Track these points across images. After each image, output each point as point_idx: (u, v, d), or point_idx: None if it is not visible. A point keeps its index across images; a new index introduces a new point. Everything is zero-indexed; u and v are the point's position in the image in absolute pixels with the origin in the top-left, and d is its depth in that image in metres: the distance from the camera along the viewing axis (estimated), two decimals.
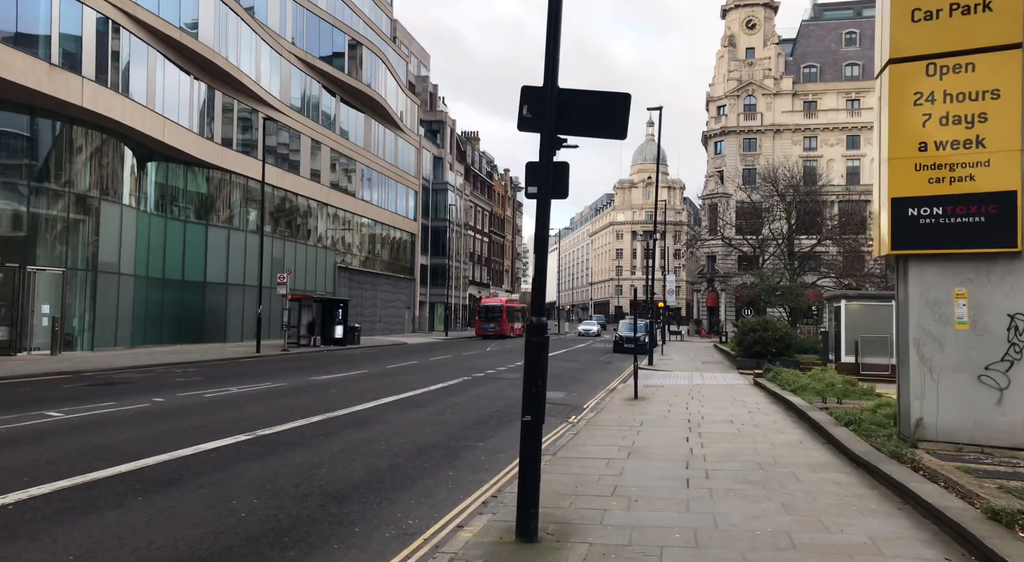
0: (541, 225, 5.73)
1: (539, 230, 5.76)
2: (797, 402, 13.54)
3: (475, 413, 14.02)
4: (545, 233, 5.76)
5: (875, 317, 24.07)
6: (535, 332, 5.70)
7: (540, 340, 5.69)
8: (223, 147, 35.97)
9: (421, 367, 25.24)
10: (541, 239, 5.80)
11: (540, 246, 5.77)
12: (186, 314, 34.67)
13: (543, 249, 5.77)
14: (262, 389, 16.82)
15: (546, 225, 5.72)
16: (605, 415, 13.56)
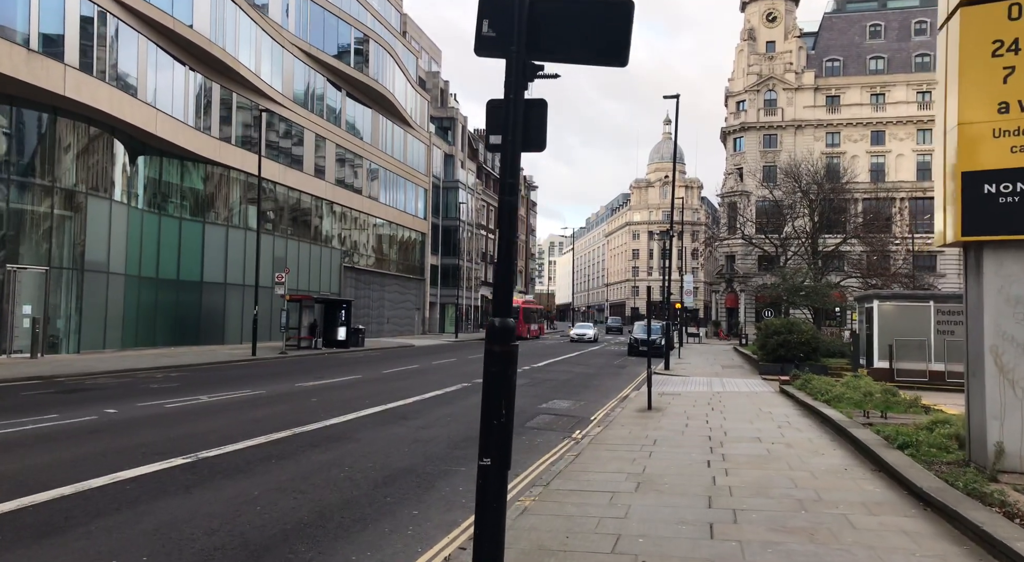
0: (508, 188, 4.08)
1: (505, 197, 4.12)
2: (834, 416, 11.77)
3: (466, 427, 12.38)
4: (513, 199, 4.12)
5: (911, 318, 22.23)
6: (498, 338, 4.08)
7: (505, 350, 4.07)
8: (221, 141, 34.60)
9: (421, 371, 23.65)
10: (508, 208, 4.15)
11: (506, 219, 4.13)
12: (182, 315, 33.31)
13: (510, 223, 4.12)
14: (236, 397, 15.28)
15: (514, 187, 4.09)
16: (613, 430, 11.87)
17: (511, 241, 4.12)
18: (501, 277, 4.15)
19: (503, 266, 4.18)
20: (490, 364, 4.10)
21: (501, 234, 4.18)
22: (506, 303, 4.12)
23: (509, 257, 4.14)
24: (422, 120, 60.04)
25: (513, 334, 4.15)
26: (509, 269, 4.17)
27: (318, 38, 43.31)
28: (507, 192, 4.08)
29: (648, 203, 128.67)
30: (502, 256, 4.16)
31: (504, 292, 4.14)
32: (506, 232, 4.14)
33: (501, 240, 4.18)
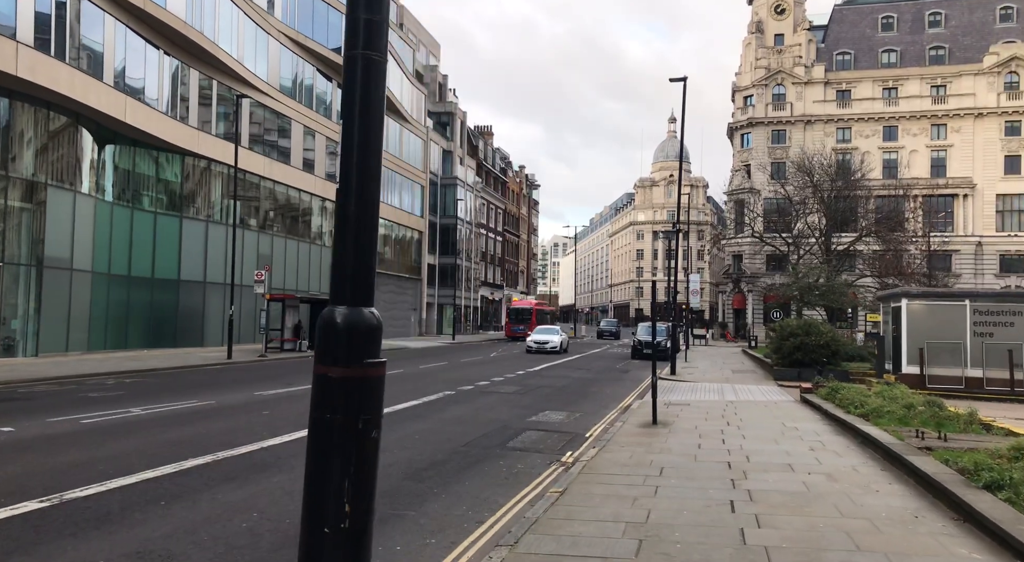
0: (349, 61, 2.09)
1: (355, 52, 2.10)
2: (881, 437, 9.67)
3: (435, 447, 10.32)
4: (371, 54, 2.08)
5: (944, 319, 20.12)
6: (342, 351, 2.10)
7: (355, 377, 2.14)
8: (200, 132, 32.60)
9: (404, 377, 21.58)
10: (364, 64, 2.14)
11: (356, 79, 2.13)
12: (157, 316, 31.33)
13: (364, 90, 2.09)
14: (176, 410, 13.23)
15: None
16: (611, 453, 9.79)
17: (368, 180, 2.23)
18: (354, 207, 2.20)
19: (360, 181, 2.24)
20: (323, 405, 2.09)
21: (344, 160, 2.26)
22: (359, 270, 2.13)
23: (368, 202, 2.19)
24: (419, 115, 58.03)
25: (375, 341, 2.15)
26: (366, 188, 2.22)
27: (306, 26, 41.32)
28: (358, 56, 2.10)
29: (653, 202, 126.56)
30: (347, 198, 2.22)
31: (356, 245, 2.17)
32: (355, 153, 2.20)
33: (343, 168, 2.28)
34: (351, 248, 2.18)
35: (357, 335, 2.13)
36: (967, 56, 62.96)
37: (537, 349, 37.26)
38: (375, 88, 2.38)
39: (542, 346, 37.39)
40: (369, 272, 2.22)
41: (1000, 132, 60.63)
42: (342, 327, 2.11)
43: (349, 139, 2.39)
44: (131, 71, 28.39)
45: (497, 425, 12.67)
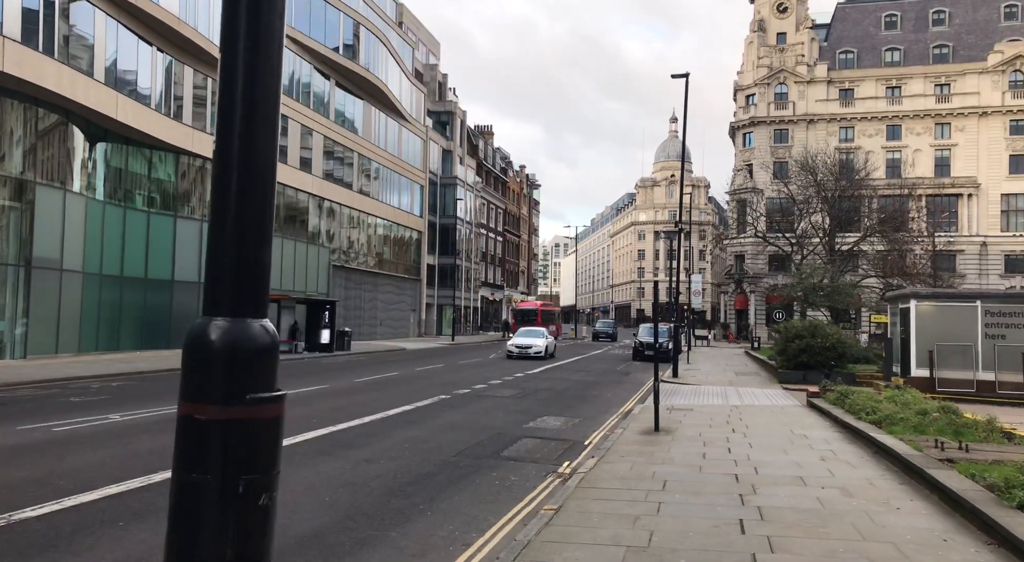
0: None
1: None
2: (898, 448, 9.09)
3: (424, 458, 9.77)
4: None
5: (954, 321, 19.58)
6: (216, 383, 1.53)
7: (234, 420, 1.57)
8: (194, 129, 32.05)
9: (398, 380, 21.02)
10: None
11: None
12: (150, 317, 30.79)
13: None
14: (156, 416, 12.68)
15: None
16: (611, 464, 9.23)
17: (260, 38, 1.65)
18: (237, 169, 1.68)
19: (246, 121, 1.71)
20: (189, 461, 1.56)
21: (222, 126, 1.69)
22: (246, 263, 1.61)
23: (253, 98, 1.66)
24: (418, 113, 57.49)
25: (268, 367, 1.60)
26: (257, 135, 1.67)
27: (303, 23, 40.76)
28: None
29: (654, 203, 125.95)
30: (232, 101, 1.69)
31: (240, 225, 1.65)
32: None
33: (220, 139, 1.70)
34: (233, 230, 1.61)
35: (240, 360, 1.54)
36: (971, 54, 62.39)
37: (519, 354, 32.66)
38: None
39: (524, 351, 32.85)
40: (261, 268, 1.65)
41: (1005, 131, 60.05)
42: (218, 348, 1.53)
43: (231, 53, 1.76)
44: (123, 67, 27.87)
45: (492, 432, 12.12)
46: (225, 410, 1.51)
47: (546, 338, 34.85)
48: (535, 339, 33.99)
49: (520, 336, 35.15)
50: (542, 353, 32.97)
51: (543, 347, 33.31)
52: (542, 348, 33.11)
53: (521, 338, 34.47)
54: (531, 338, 34.20)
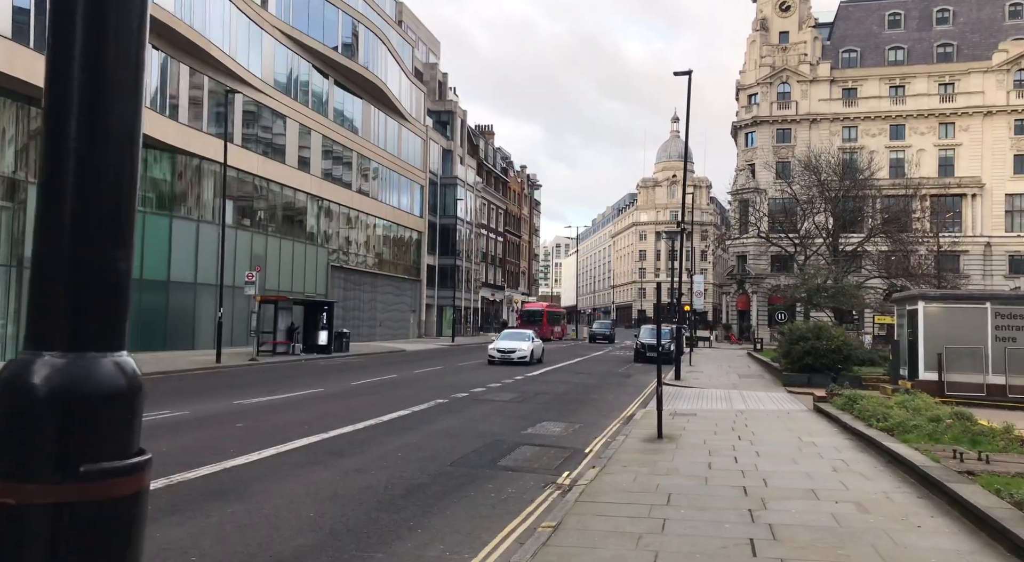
0: None
1: None
2: (914, 459, 8.67)
3: (418, 467, 9.35)
4: None
5: (964, 323, 19.14)
6: (18, 446, 1.06)
7: (84, 504, 1.04)
8: (190, 128, 31.67)
9: (396, 383, 20.61)
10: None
11: None
12: (145, 318, 30.29)
13: None
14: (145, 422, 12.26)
15: None
16: (612, 475, 8.81)
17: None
18: (75, 142, 1.20)
19: (87, 85, 1.22)
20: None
21: None
22: (90, 279, 1.13)
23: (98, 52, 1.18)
24: (418, 113, 57.08)
25: (127, 422, 1.17)
26: (106, 97, 1.20)
27: (302, 21, 40.39)
28: None
29: (655, 203, 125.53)
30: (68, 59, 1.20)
31: (78, 222, 1.18)
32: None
33: None
34: (70, 217, 1.14)
35: (77, 414, 1.07)
36: (976, 53, 61.94)
37: (501, 359, 29.27)
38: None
39: (507, 356, 29.37)
40: (116, 276, 1.19)
41: (1009, 131, 59.59)
42: (43, 397, 1.05)
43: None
44: None
45: (489, 439, 11.71)
46: (52, 489, 1.03)
47: (532, 341, 31.14)
48: (519, 342, 30.45)
49: (503, 339, 31.29)
50: (527, 358, 29.56)
51: (528, 351, 29.80)
52: (527, 352, 29.69)
53: (504, 341, 30.83)
54: (515, 341, 30.73)
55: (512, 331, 33.87)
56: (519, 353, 29.47)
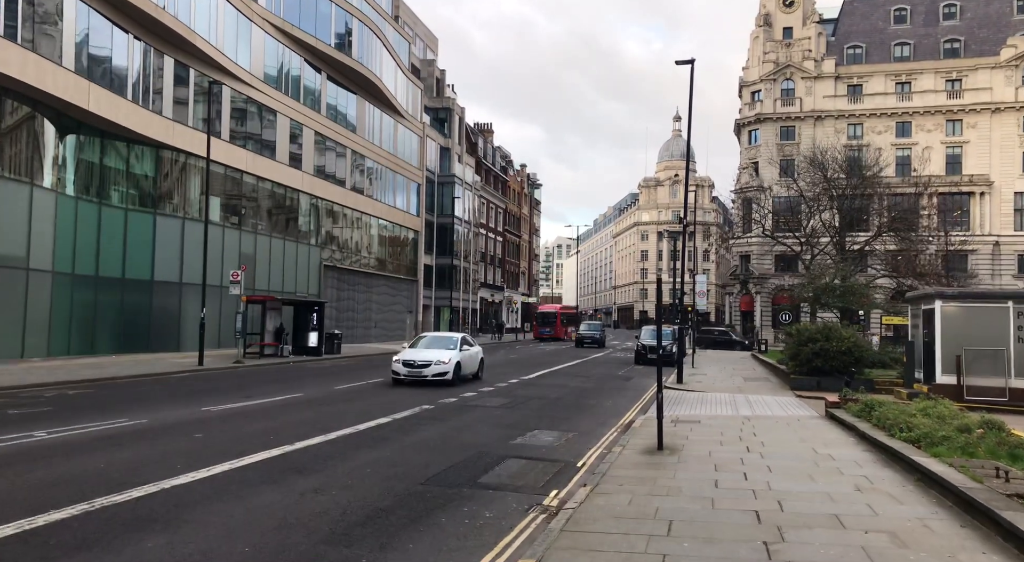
0: None
1: None
2: (955, 481, 7.53)
3: (386, 486, 8.25)
4: None
5: (983, 323, 18.01)
6: None
7: None
8: (174, 122, 30.59)
9: (377, 389, 19.47)
10: None
11: None
12: (128, 319, 29.34)
13: None
14: (95, 432, 11.19)
15: None
16: (605, 496, 7.72)
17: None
18: None
19: None
20: None
21: None
22: None
23: None
24: (415, 110, 56.00)
25: None
26: None
27: (293, 14, 39.32)
28: None
29: (657, 202, 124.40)
30: None
31: None
32: None
33: None
34: None
35: None
36: (983, 49, 60.79)
37: (409, 377, 19.78)
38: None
39: (417, 372, 19.78)
40: None
41: (1018, 127, 58.43)
42: None
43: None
44: (96, 56, 26.44)
45: (472, 451, 10.61)
46: None
47: (460, 349, 21.07)
48: (437, 352, 20.44)
49: (416, 349, 21.08)
50: (448, 375, 19.78)
51: (449, 365, 19.89)
52: (448, 368, 19.82)
53: (416, 351, 20.69)
54: (431, 350, 20.66)
55: (434, 336, 23.28)
56: (436, 368, 19.70)
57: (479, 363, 22.71)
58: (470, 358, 21.78)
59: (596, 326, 55.41)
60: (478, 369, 22.51)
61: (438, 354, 20.29)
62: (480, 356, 22.91)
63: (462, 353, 21.01)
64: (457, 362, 20.42)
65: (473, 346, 22.58)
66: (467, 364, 21.42)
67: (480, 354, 22.98)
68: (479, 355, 22.87)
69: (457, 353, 20.73)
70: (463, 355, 21.07)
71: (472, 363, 22.00)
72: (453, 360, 20.31)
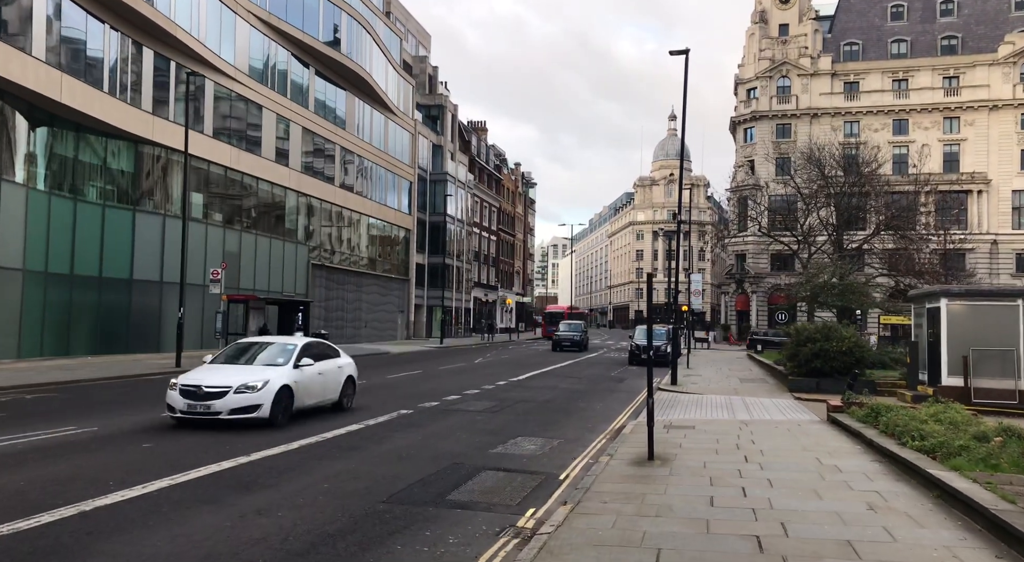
0: None
1: None
2: (984, 501, 6.65)
3: (341, 505, 7.35)
4: None
5: (991, 322, 17.22)
6: None
7: None
8: (154, 116, 29.64)
9: (361, 390, 18.55)
10: None
11: None
12: (105, 319, 28.39)
13: None
14: (33, 442, 10.27)
15: None
16: (587, 518, 6.83)
17: None
18: None
19: None
20: None
21: None
22: None
23: None
24: (406, 106, 55.06)
25: None
26: None
27: (280, 7, 38.37)
28: None
29: (652, 202, 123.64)
30: None
31: None
32: None
33: None
34: None
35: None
36: (981, 46, 60.12)
37: (189, 416, 11.93)
38: None
39: (204, 408, 11.88)
40: None
41: (1016, 125, 57.75)
42: None
43: None
44: (68, 46, 25.49)
45: (446, 462, 9.72)
46: None
47: (295, 365, 13.24)
48: (249, 371, 12.89)
49: (213, 366, 13.36)
50: (261, 410, 12.12)
51: (262, 394, 12.18)
52: (257, 400, 12.12)
53: (210, 371, 12.93)
54: (239, 367, 13.17)
55: (259, 342, 14.82)
56: (235, 400, 11.97)
57: (343, 385, 14.65)
58: (317, 380, 13.65)
59: (577, 326, 47.38)
60: (340, 395, 14.55)
61: (248, 374, 12.39)
62: (347, 374, 14.95)
63: (299, 371, 13.01)
64: (284, 387, 12.39)
65: (335, 358, 14.81)
66: (310, 389, 13.37)
67: (347, 371, 15.00)
68: (344, 373, 14.84)
69: (288, 371, 12.79)
70: (301, 375, 13.03)
71: (325, 387, 13.99)
72: (275, 384, 12.24)
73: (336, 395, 14.48)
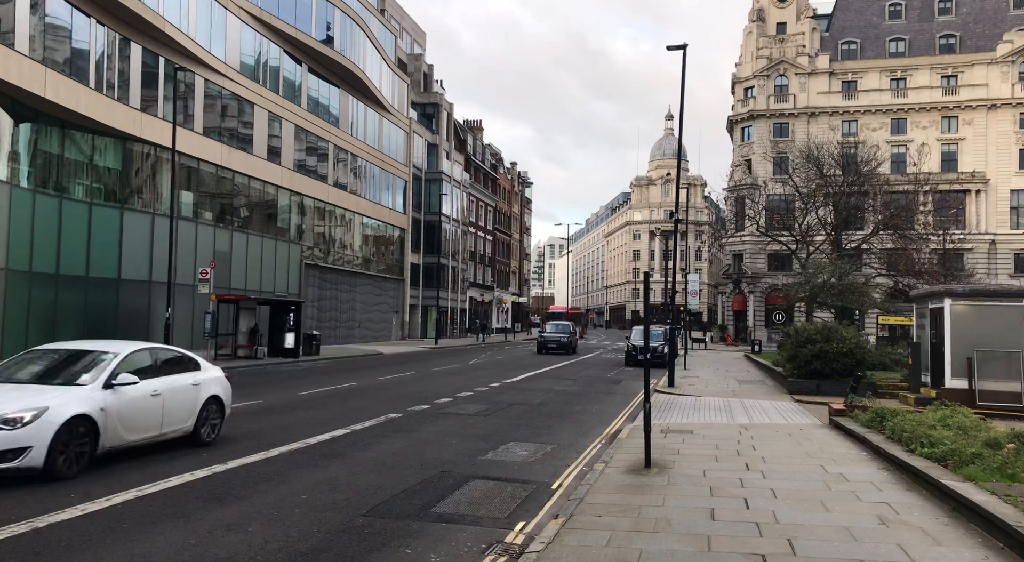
0: None
1: None
2: (1005, 515, 6.20)
3: (318, 519, 6.88)
4: None
5: (996, 323, 16.79)
6: None
7: None
8: (142, 113, 29.09)
9: (350, 393, 18.12)
10: None
11: None
12: (93, 319, 27.76)
13: None
14: None
15: None
16: (579, 534, 6.37)
17: None
18: None
19: None
20: None
21: None
22: None
23: None
24: (401, 104, 54.56)
25: None
26: None
27: (271, 3, 37.80)
28: None
29: (649, 202, 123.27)
30: None
31: None
32: None
33: None
34: None
35: None
36: (979, 45, 59.79)
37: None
38: None
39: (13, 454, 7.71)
40: None
41: (1015, 124, 57.42)
42: None
43: None
44: (53, 40, 24.93)
45: (433, 470, 9.25)
46: None
47: (107, 384, 8.88)
48: (23, 394, 8.42)
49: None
50: (30, 457, 7.77)
51: (32, 431, 7.79)
52: (19, 440, 7.72)
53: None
54: (13, 387, 8.77)
55: (41, 350, 10.40)
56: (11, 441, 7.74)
57: (200, 409, 10.52)
58: (151, 404, 9.59)
59: (564, 327, 43.78)
60: (196, 423, 10.45)
61: (12, 401, 8.19)
62: (209, 394, 10.81)
63: (112, 394, 8.94)
64: (76, 418, 8.31)
65: (190, 371, 10.76)
66: (136, 418, 9.32)
67: (208, 390, 10.83)
68: (202, 392, 10.68)
69: (88, 393, 8.72)
70: (117, 399, 8.99)
71: (167, 412, 9.87)
72: (58, 415, 8.15)
73: (188, 423, 10.27)
